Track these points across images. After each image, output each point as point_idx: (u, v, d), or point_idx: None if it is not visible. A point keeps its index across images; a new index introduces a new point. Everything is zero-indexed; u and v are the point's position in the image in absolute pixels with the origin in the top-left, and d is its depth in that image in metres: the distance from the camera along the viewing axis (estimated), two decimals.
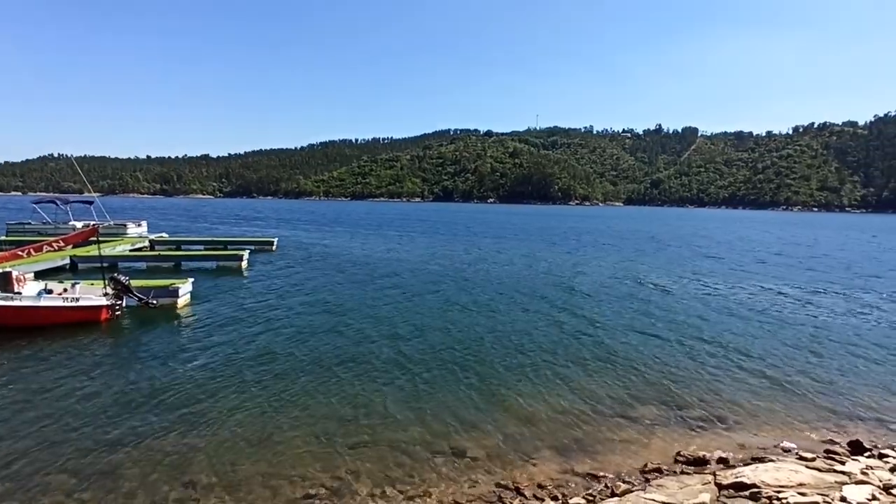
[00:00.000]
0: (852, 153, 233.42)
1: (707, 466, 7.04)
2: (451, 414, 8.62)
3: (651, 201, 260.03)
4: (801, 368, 11.33)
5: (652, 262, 30.86)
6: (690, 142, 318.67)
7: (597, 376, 10.49)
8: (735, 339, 13.47)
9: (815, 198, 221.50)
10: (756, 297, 19.45)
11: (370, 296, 18.04)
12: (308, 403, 8.85)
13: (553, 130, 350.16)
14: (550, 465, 7.15)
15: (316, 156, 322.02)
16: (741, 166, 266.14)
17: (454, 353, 11.83)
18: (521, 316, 15.63)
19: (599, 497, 6.25)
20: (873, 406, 9.40)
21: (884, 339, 13.76)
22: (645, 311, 16.67)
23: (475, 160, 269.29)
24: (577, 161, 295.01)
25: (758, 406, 9.25)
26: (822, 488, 5.94)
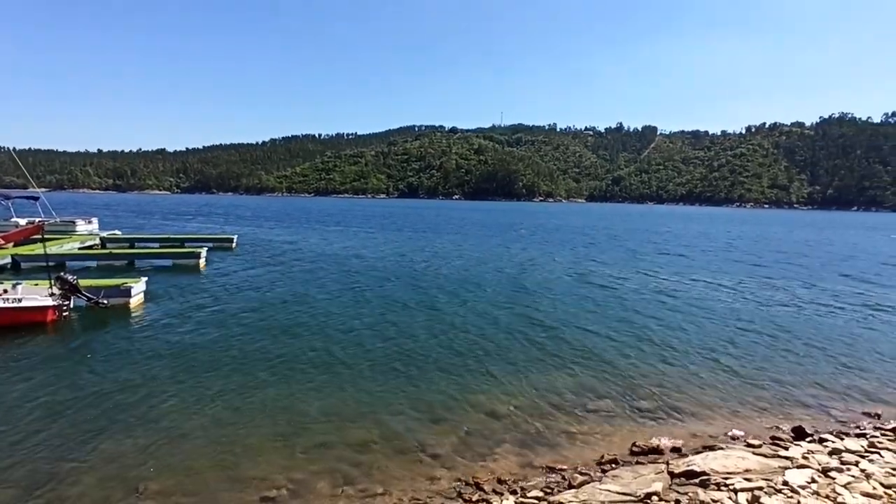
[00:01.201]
0: (800, 152, 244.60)
1: (661, 456, 7.25)
2: (412, 411, 8.61)
3: (612, 198, 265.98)
4: (750, 359, 11.77)
5: (608, 258, 31.56)
6: (650, 140, 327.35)
7: (556, 371, 10.65)
8: (687, 333, 13.89)
9: (766, 195, 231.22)
10: (707, 292, 20.15)
11: (332, 294, 17.81)
12: (265, 404, 8.68)
13: (517, 128, 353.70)
14: (510, 460, 7.23)
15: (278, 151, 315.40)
16: (698, 164, 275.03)
17: (414, 350, 11.79)
18: (481, 313, 15.71)
19: (557, 489, 6.35)
20: (816, 394, 9.86)
21: (825, 330, 14.46)
22: (602, 306, 17.03)
23: (440, 157, 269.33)
24: (541, 158, 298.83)
25: (710, 396, 9.58)
26: (766, 473, 6.21)
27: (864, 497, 5.41)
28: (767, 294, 19.85)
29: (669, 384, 10.09)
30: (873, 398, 9.70)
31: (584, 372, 10.63)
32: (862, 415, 8.94)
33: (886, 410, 9.07)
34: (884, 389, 10.14)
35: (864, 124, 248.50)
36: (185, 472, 6.64)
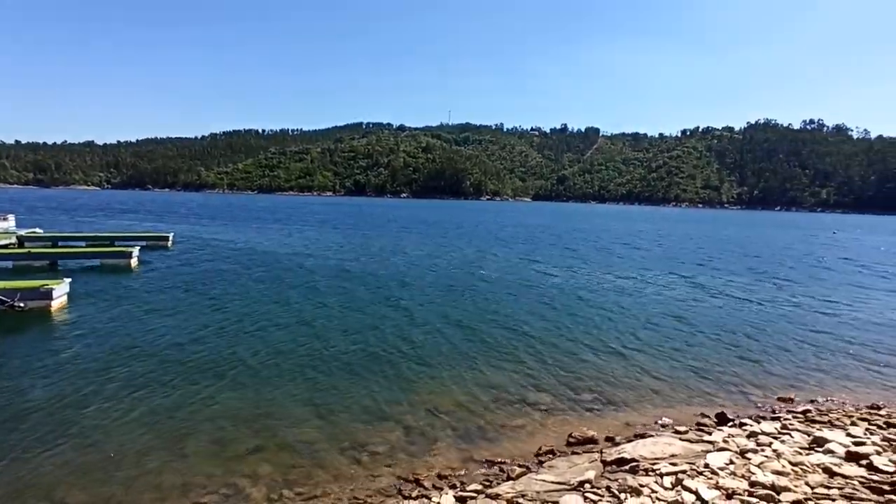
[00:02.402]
0: (730, 155, 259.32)
1: (595, 445, 7.54)
2: (353, 411, 8.55)
3: (557, 197, 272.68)
4: (679, 352, 12.42)
5: (547, 256, 32.41)
6: (593, 141, 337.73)
7: (496, 367, 10.84)
8: (621, 328, 14.49)
9: (700, 195, 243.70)
10: (639, 288, 21.09)
11: (270, 294, 17.37)
12: (198, 410, 8.37)
13: (465, 127, 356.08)
14: (451, 455, 7.31)
15: (219, 146, 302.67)
16: (637, 165, 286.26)
17: (356, 349, 11.72)
18: (420, 311, 15.75)
19: (496, 482, 6.48)
20: (738, 381, 10.53)
21: (746, 323, 15.45)
22: (541, 302, 17.48)
23: (388, 154, 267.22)
24: (489, 157, 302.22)
25: (642, 387, 10.04)
26: (690, 457, 6.57)
27: (774, 475, 5.83)
28: (694, 289, 20.98)
29: (605, 377, 10.49)
30: (788, 384, 10.45)
31: (524, 367, 10.88)
32: (777, 400, 9.61)
33: (798, 395, 9.80)
34: (797, 376, 10.94)
35: (786, 130, 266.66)
36: (110, 484, 6.32)
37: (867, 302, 19.17)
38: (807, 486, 5.61)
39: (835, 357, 12.25)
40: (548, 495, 5.80)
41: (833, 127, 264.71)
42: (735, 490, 5.52)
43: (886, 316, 16.78)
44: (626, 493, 5.60)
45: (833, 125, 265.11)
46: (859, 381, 10.78)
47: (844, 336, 14.13)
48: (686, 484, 5.68)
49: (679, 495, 5.45)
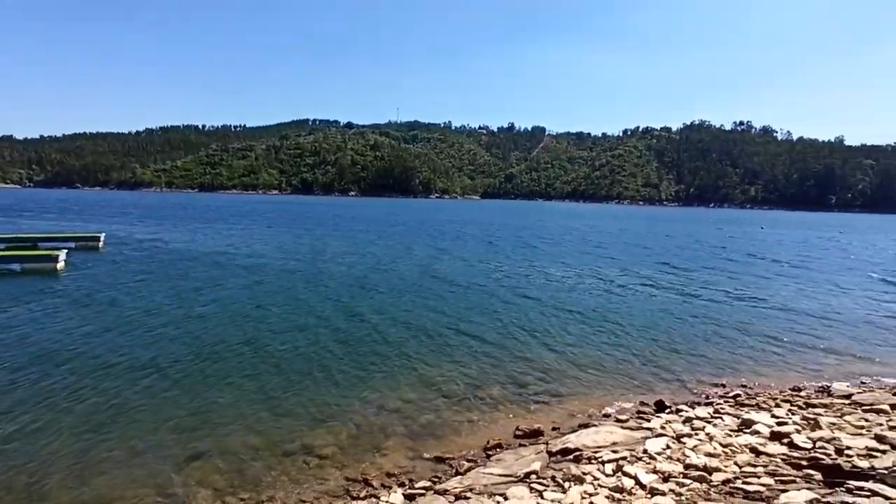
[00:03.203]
0: (668, 154, 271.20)
1: (542, 437, 7.71)
2: (299, 413, 8.38)
3: (505, 194, 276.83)
4: (620, 343, 12.88)
5: (496, 252, 32.90)
6: (539, 140, 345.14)
7: (444, 364, 10.88)
8: (565, 322, 14.89)
9: (641, 193, 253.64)
10: (578, 283, 21.76)
11: (208, 296, 16.72)
12: (135, 418, 7.97)
13: (414, 125, 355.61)
14: (400, 453, 7.29)
15: (156, 142, 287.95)
16: (582, 164, 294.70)
17: (299, 351, 11.45)
18: (366, 310, 15.61)
19: (444, 478, 6.52)
20: (675, 370, 11.04)
21: (680, 313, 16.23)
22: (484, 299, 17.68)
23: (336, 152, 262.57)
24: (437, 155, 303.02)
25: (587, 379, 10.35)
26: (630, 444, 6.84)
27: (706, 457, 6.16)
28: (630, 284, 21.85)
29: (550, 370, 10.74)
30: (720, 371, 11.06)
31: (471, 363, 10.97)
32: (711, 386, 10.16)
33: (730, 380, 10.39)
34: (728, 363, 11.59)
35: (718, 131, 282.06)
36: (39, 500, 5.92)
37: (787, 292, 20.55)
38: (735, 466, 5.96)
39: (762, 344, 13.05)
40: (495, 488, 5.89)
41: (760, 128, 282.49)
42: (671, 473, 5.79)
43: (804, 304, 18.04)
44: (569, 482, 5.76)
45: (760, 126, 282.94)
46: (783, 365, 11.55)
47: (769, 324, 15.08)
48: (626, 470, 5.91)
49: (619, 481, 5.66)
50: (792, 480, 5.45)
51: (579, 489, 5.54)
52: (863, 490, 4.92)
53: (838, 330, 14.64)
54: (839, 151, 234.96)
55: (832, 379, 10.43)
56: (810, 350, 12.65)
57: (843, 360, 11.95)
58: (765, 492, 5.18)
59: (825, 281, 23.79)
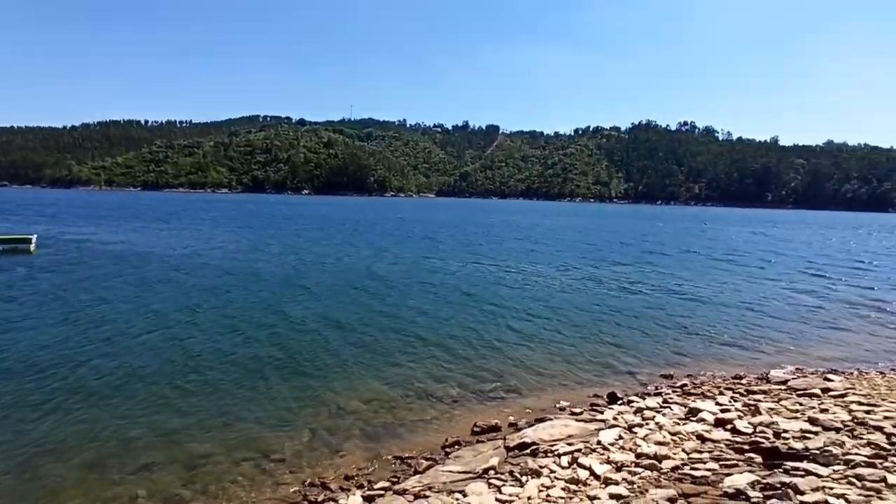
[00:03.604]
0: (617, 153, 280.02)
1: (499, 433, 7.81)
2: (253, 418, 8.16)
3: (460, 192, 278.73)
4: (571, 339, 13.18)
5: (447, 250, 33.09)
6: (493, 139, 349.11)
7: (400, 363, 10.83)
8: (519, 318, 15.12)
9: (592, 190, 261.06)
10: (529, 279, 22.18)
11: (147, 300, 16.00)
12: (75, 431, 7.55)
13: (368, 122, 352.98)
14: (358, 455, 7.22)
15: (94, 137, 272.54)
16: (535, 162, 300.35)
17: (250, 355, 11.13)
18: (319, 311, 15.34)
19: (403, 477, 6.50)
20: (626, 362, 11.40)
21: (630, 307, 16.79)
22: (436, 297, 17.73)
23: (288, 149, 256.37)
24: (392, 153, 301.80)
25: (541, 374, 10.53)
26: (584, 436, 7.02)
27: (656, 445, 6.40)
28: (582, 280, 22.46)
29: (506, 366, 10.88)
30: (668, 362, 11.49)
31: (428, 362, 10.97)
32: (660, 377, 10.55)
33: (677, 371, 10.82)
34: (675, 354, 12.07)
35: (664, 131, 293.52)
36: None
37: (725, 286, 21.62)
38: (683, 453, 6.22)
39: (704, 336, 13.67)
40: (454, 485, 5.92)
41: (703, 129, 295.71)
42: (624, 463, 5.98)
43: (740, 297, 19.02)
44: (527, 476, 5.86)
45: (703, 127, 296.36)
46: (725, 355, 12.13)
47: (710, 317, 15.81)
48: (581, 461, 6.06)
49: (575, 472, 5.81)
50: (735, 464, 5.73)
51: (536, 482, 5.64)
52: (798, 470, 5.23)
53: (772, 320, 15.51)
54: (774, 151, 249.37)
55: (770, 367, 11.02)
56: (749, 340, 13.34)
57: (778, 349, 12.66)
58: (710, 476, 5.43)
59: (758, 274, 25.17)
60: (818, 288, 21.45)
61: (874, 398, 7.95)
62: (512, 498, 5.36)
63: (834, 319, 15.77)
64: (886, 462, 5.25)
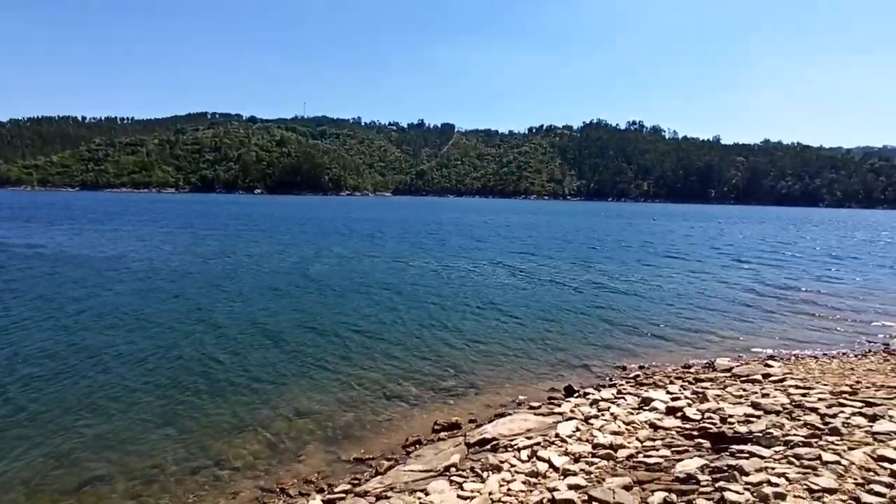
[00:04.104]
0: (570, 151, 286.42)
1: (460, 430, 7.84)
2: (206, 426, 7.88)
3: (417, 191, 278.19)
4: (527, 334, 13.38)
5: (396, 248, 33.04)
6: (449, 137, 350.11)
7: (357, 364, 10.69)
8: (474, 316, 15.23)
9: (546, 188, 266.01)
10: (482, 276, 22.44)
11: (81, 305, 15.20)
12: (4, 449, 7.07)
13: (322, 120, 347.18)
14: (317, 458, 7.10)
15: (24, 135, 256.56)
16: (490, 160, 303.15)
17: (201, 360, 10.74)
18: (271, 313, 14.96)
19: (364, 479, 6.44)
20: (581, 356, 11.67)
21: (582, 302, 17.24)
22: (390, 296, 17.66)
23: (239, 148, 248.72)
24: (347, 152, 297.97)
25: (500, 370, 10.64)
26: (543, 429, 7.15)
27: (612, 435, 6.59)
28: (533, 276, 22.89)
29: (465, 363, 10.93)
30: (622, 354, 11.85)
31: (385, 362, 10.88)
32: (614, 368, 10.87)
33: (630, 362, 11.17)
34: (627, 347, 12.46)
35: (614, 130, 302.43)
36: None
37: (674, 280, 22.52)
38: (637, 441, 6.43)
39: (655, 327, 14.17)
40: (416, 484, 5.91)
41: (651, 128, 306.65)
42: (581, 454, 6.13)
43: (690, 290, 19.87)
44: (488, 471, 5.92)
45: (651, 126, 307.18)
46: (674, 346, 12.63)
47: (659, 309, 16.42)
48: (540, 454, 6.17)
49: (534, 465, 5.91)
50: (685, 450, 5.98)
51: (497, 477, 5.70)
52: (743, 452, 5.50)
53: (716, 312, 16.25)
54: (716, 150, 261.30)
55: (716, 355, 11.54)
56: (696, 331, 13.93)
57: (722, 338, 13.28)
58: (663, 463, 5.64)
59: (700, 268, 26.34)
60: (754, 280, 22.64)
61: (809, 381, 8.46)
62: (473, 494, 5.41)
63: (771, 309, 16.67)
64: (821, 441, 5.59)
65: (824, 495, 4.39)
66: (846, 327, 14.57)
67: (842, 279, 23.39)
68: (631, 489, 5.02)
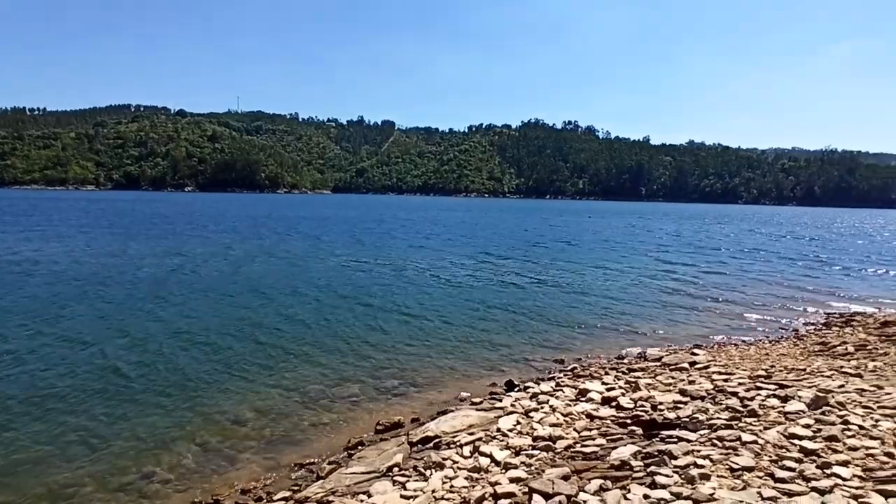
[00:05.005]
0: (509, 150, 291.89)
1: (402, 429, 7.80)
2: (132, 439, 7.41)
3: (357, 189, 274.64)
4: (466, 332, 13.47)
5: (332, 248, 32.60)
6: (389, 134, 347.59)
7: (295, 367, 10.40)
8: (416, 313, 15.23)
9: (486, 186, 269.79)
10: (420, 274, 22.54)
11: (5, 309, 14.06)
12: None
13: (257, 115, 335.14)
14: (255, 466, 6.85)
15: None
16: (431, 158, 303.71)
17: (118, 368, 10.05)
18: (205, 317, 14.29)
19: (305, 484, 6.28)
20: (521, 350, 11.92)
21: (519, 298, 17.64)
22: (329, 296, 17.34)
23: (167, 142, 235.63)
24: (284, 148, 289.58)
25: (442, 368, 10.68)
26: (485, 425, 7.24)
27: (551, 427, 6.77)
28: (475, 273, 23.21)
29: (406, 363, 10.86)
30: (560, 348, 12.21)
31: (324, 364, 10.61)
32: (552, 362, 11.16)
33: (567, 356, 11.52)
34: (565, 340, 12.85)
35: (551, 129, 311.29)
36: None
37: (607, 275, 23.50)
38: (575, 432, 6.63)
39: (592, 320, 14.71)
40: (358, 487, 5.82)
41: (585, 127, 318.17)
42: (522, 447, 6.25)
43: (621, 284, 20.79)
44: (431, 469, 5.92)
45: (585, 126, 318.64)
46: (608, 338, 13.15)
47: (597, 303, 17.06)
48: (482, 449, 6.24)
49: (477, 461, 5.97)
50: (620, 438, 6.23)
51: (440, 475, 5.71)
52: (672, 437, 5.80)
53: (647, 303, 17.09)
54: (646, 150, 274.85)
55: (647, 346, 12.11)
56: (628, 323, 14.55)
57: (653, 329, 13.97)
58: (599, 451, 5.85)
59: (631, 263, 27.66)
60: (679, 273, 24.01)
61: (730, 367, 9.05)
62: (416, 493, 5.39)
63: (695, 300, 17.72)
64: (741, 423, 5.98)
65: (743, 473, 4.69)
66: (762, 314, 15.72)
67: (754, 271, 25.24)
68: (569, 479, 5.17)
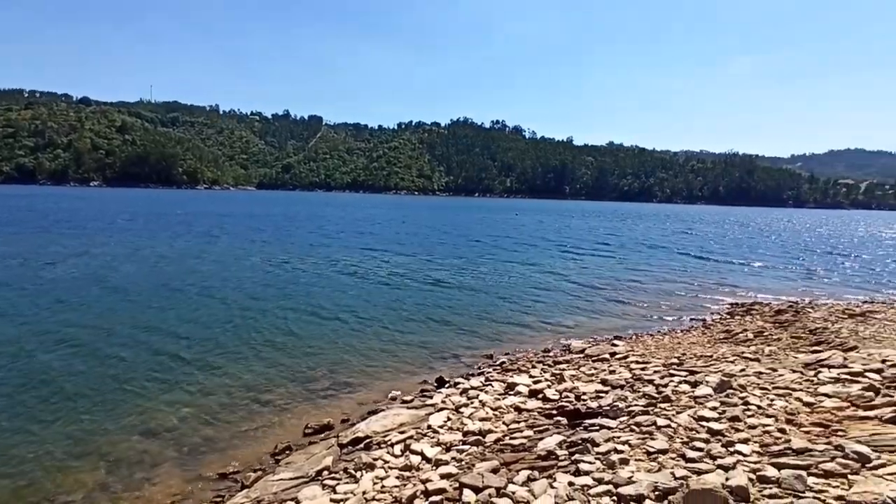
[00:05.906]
0: (438, 148, 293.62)
1: (332, 431, 7.66)
2: (38, 455, 6.77)
3: (283, 185, 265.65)
4: (400, 329, 13.50)
5: (259, 248, 31.58)
6: (316, 130, 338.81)
7: (216, 372, 9.93)
8: (343, 313, 14.99)
9: (416, 183, 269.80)
10: (344, 274, 22.32)
11: None
12: None
13: (173, 106, 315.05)
14: (174, 479, 6.47)
15: None
16: (360, 155, 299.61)
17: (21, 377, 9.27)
18: (110, 323, 13.33)
19: (229, 495, 6.02)
20: (450, 347, 12.03)
21: (444, 297, 17.84)
22: (251, 298, 16.77)
23: (68, 133, 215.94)
24: (204, 142, 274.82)
25: (372, 367, 10.56)
26: (416, 423, 7.25)
27: (480, 421, 6.90)
28: (400, 271, 23.23)
29: (334, 364, 10.63)
30: (489, 343, 12.44)
31: (247, 367, 10.20)
32: (482, 357, 11.35)
33: (496, 350, 11.77)
34: (494, 336, 13.12)
35: (480, 128, 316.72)
36: None
37: (529, 271, 24.27)
38: (504, 425, 6.80)
39: (518, 315, 15.12)
40: (286, 493, 5.65)
41: (513, 127, 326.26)
42: (452, 442, 6.32)
43: (542, 280, 21.54)
44: (361, 471, 5.85)
45: (513, 126, 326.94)
46: (535, 331, 13.58)
47: (523, 298, 17.56)
48: (413, 447, 6.25)
49: (408, 459, 5.97)
50: (546, 428, 6.45)
51: (371, 475, 5.66)
52: (595, 426, 6.09)
53: (571, 297, 17.84)
54: (570, 150, 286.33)
55: (571, 339, 12.62)
56: (553, 317, 15.09)
57: (577, 322, 14.58)
58: (527, 443, 6.03)
59: (553, 259, 28.77)
60: (598, 268, 25.27)
61: (647, 356, 9.63)
62: (347, 496, 5.31)
63: (617, 293, 18.69)
64: (656, 408, 6.38)
65: (659, 456, 5.01)
66: (675, 305, 16.83)
67: (669, 266, 27.00)
68: (498, 471, 5.29)
